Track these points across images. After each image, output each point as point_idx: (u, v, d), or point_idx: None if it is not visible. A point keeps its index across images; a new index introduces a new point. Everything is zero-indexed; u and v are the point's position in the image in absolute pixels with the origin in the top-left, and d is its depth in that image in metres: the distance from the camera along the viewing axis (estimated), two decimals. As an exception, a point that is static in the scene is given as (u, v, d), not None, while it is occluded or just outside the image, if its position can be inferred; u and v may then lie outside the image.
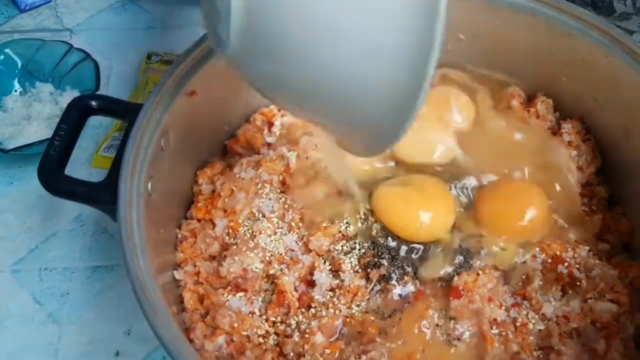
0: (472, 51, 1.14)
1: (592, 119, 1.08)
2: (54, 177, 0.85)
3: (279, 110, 1.12)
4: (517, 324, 0.92)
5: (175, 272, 0.95)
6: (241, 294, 0.95)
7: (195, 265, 0.97)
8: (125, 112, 0.91)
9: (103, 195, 0.84)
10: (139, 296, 0.73)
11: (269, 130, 1.11)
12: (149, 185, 0.87)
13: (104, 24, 1.46)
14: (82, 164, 1.22)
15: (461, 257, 0.97)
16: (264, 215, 1.02)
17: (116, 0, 1.50)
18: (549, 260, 0.96)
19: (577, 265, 0.95)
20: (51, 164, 0.85)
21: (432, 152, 1.06)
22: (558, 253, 0.96)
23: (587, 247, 0.97)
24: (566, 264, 0.95)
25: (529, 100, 1.13)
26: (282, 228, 1.01)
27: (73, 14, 1.49)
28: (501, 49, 1.12)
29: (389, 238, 0.96)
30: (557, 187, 1.03)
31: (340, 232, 0.99)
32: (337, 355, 0.89)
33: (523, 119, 1.10)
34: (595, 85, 1.04)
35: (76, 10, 1.50)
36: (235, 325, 0.91)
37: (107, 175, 0.85)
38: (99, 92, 1.25)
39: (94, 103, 0.91)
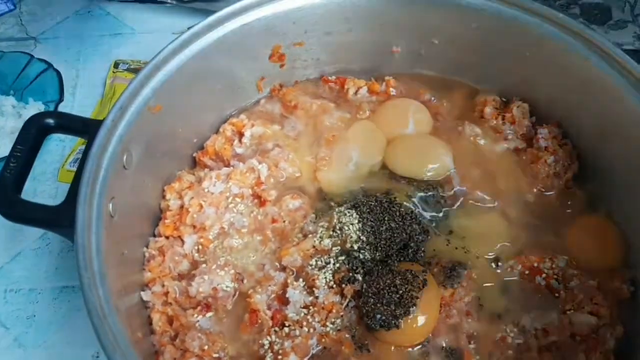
0: (446, 56, 1.12)
1: (569, 123, 1.05)
2: (9, 202, 0.81)
3: (249, 120, 1.09)
4: (496, 338, 0.90)
5: (142, 293, 0.92)
6: (211, 313, 0.92)
7: (163, 285, 0.93)
8: (84, 129, 0.88)
9: (61, 218, 0.80)
10: (97, 329, 0.70)
11: (239, 140, 1.07)
12: (110, 206, 0.83)
13: (69, 31, 1.42)
14: (48, 179, 1.18)
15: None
16: (235, 231, 0.99)
17: (82, 6, 1.46)
18: (527, 272, 0.94)
19: (555, 276, 0.93)
20: (6, 188, 0.81)
21: (424, 169, 1.04)
22: (535, 264, 0.94)
23: (566, 257, 0.95)
24: (544, 275, 0.93)
25: (505, 106, 1.10)
26: (253, 243, 0.99)
27: (38, 22, 1.44)
28: (476, 53, 1.09)
29: (363, 251, 0.93)
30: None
31: (314, 246, 0.96)
32: (310, 375, 0.87)
33: (496, 129, 1.08)
34: (571, 89, 1.01)
35: (42, 17, 1.45)
36: (206, 347, 0.88)
37: (65, 198, 0.81)
38: (62, 104, 1.22)
39: (51, 121, 0.87)
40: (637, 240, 0.96)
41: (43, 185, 1.17)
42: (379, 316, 0.86)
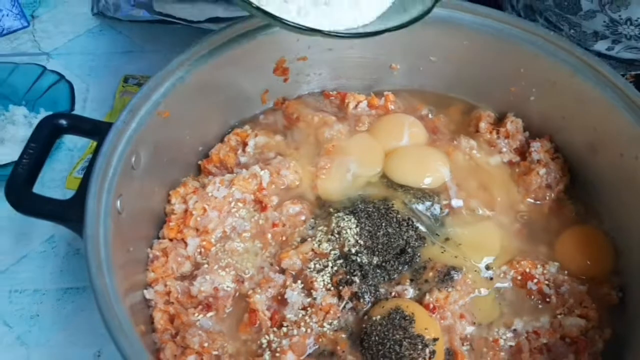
0: (443, 73, 1.16)
1: (561, 137, 1.10)
2: (22, 195, 0.84)
3: (253, 131, 1.13)
4: (489, 340, 0.92)
5: (145, 291, 0.94)
6: (212, 313, 0.95)
7: (166, 285, 0.96)
8: (96, 130, 0.91)
9: (71, 212, 0.83)
10: (103, 312, 0.72)
11: (243, 150, 1.11)
12: (118, 203, 0.87)
13: (81, 48, 1.47)
14: (56, 186, 1.21)
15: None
16: (236, 234, 1.02)
17: (95, 25, 1.51)
18: (519, 277, 0.97)
19: (547, 282, 0.96)
20: (19, 182, 0.84)
21: (422, 178, 1.07)
22: (528, 270, 0.97)
23: (557, 263, 0.98)
24: (535, 281, 0.96)
25: (499, 121, 1.15)
26: (254, 247, 1.02)
27: (51, 39, 1.49)
28: (472, 71, 1.14)
29: (361, 254, 0.96)
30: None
31: (312, 250, 0.99)
32: (307, 373, 0.89)
33: (491, 142, 1.12)
34: (562, 104, 1.06)
35: (54, 35, 1.50)
36: (206, 344, 0.90)
37: (75, 193, 0.85)
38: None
39: (63, 122, 0.91)
40: (627, 249, 0.99)
41: (51, 191, 1.20)
42: (369, 358, 0.88)
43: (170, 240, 1.01)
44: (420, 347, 0.86)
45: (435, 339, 0.88)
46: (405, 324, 0.88)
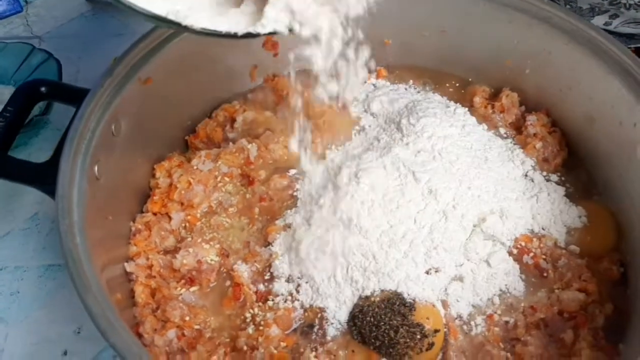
0: (436, 49, 1.13)
1: (557, 110, 1.06)
2: (-5, 158, 0.81)
3: (242, 106, 1.10)
4: (484, 316, 0.88)
5: (126, 264, 0.91)
6: (195, 287, 0.91)
7: (148, 259, 0.92)
8: (74, 97, 0.89)
9: (46, 175, 0.81)
10: (72, 272, 0.69)
11: (231, 126, 1.08)
12: (96, 168, 0.84)
13: (73, 31, 1.45)
14: (43, 165, 1.19)
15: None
16: (222, 209, 0.99)
17: (87, 10, 1.50)
18: (515, 252, 0.93)
19: (544, 256, 0.92)
20: (-8, 145, 0.82)
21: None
22: (523, 244, 0.92)
23: (554, 237, 0.93)
24: (532, 254, 0.91)
25: (495, 96, 1.11)
26: (241, 222, 0.98)
27: (44, 22, 1.47)
28: (466, 44, 1.11)
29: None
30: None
31: (300, 223, 0.95)
32: (292, 347, 0.85)
33: (486, 117, 1.08)
34: (558, 75, 1.02)
35: (47, 19, 1.48)
36: (187, 318, 0.87)
37: (51, 156, 0.82)
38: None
39: (42, 88, 0.89)
40: (627, 224, 0.95)
41: (38, 170, 1.17)
42: (357, 335, 0.85)
43: (154, 214, 0.98)
44: (418, 336, 0.82)
45: (436, 331, 0.84)
46: (405, 311, 0.84)
